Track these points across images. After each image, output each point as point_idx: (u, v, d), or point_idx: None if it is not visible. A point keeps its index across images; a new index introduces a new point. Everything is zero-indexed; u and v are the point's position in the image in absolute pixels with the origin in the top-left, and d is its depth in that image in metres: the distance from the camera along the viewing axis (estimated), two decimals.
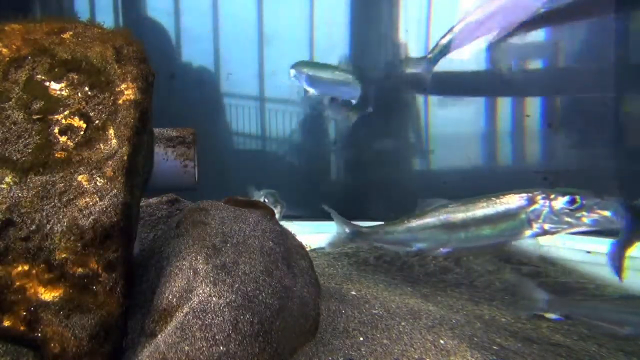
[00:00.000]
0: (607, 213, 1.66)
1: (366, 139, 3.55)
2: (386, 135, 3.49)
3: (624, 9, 2.71)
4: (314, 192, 3.58)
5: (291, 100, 3.75)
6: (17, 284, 1.07)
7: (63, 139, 1.16)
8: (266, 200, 2.74)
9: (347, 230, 2.09)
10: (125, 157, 1.16)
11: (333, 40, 3.53)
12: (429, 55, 2.99)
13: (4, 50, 1.23)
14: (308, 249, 2.52)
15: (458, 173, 3.32)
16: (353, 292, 1.71)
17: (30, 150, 1.14)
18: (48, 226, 1.08)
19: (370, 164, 3.51)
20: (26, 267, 1.07)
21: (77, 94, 1.21)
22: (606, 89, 2.88)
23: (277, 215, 2.65)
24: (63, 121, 1.18)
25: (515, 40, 3.06)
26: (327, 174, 3.68)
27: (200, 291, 1.17)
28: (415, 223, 1.96)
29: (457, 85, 3.29)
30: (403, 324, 1.47)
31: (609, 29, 2.80)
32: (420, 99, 3.39)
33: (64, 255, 1.08)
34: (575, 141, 2.97)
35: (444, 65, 3.18)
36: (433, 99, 3.36)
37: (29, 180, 1.11)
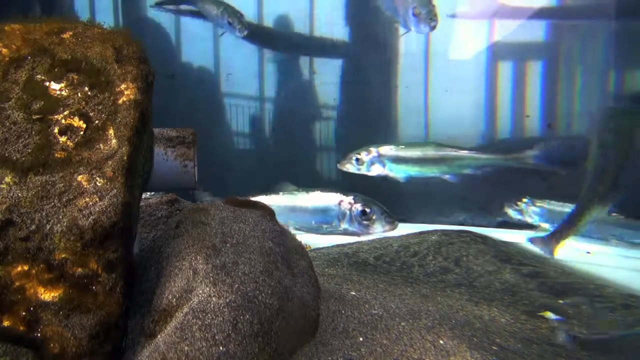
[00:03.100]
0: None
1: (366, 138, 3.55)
2: (389, 136, 3.50)
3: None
4: None
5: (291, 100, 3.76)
6: (17, 284, 1.07)
7: (63, 139, 1.16)
8: (374, 215, 2.14)
9: None
10: (125, 157, 1.16)
11: (333, 40, 3.53)
12: None
13: (4, 50, 1.23)
14: (308, 249, 2.52)
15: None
16: (353, 293, 1.71)
17: (30, 150, 1.14)
18: (48, 226, 1.08)
19: None
20: (26, 267, 1.07)
21: (77, 94, 1.21)
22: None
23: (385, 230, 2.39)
24: (63, 121, 1.18)
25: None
26: (327, 173, 3.68)
27: (200, 291, 1.17)
28: None
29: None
30: (403, 324, 1.47)
31: None
32: (420, 99, 3.39)
33: (63, 256, 1.08)
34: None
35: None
36: (433, 98, 3.36)
37: (28, 180, 1.11)
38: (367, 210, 2.16)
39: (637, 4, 2.81)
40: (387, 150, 2.74)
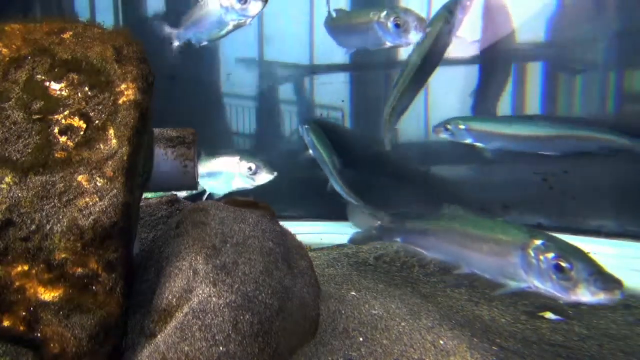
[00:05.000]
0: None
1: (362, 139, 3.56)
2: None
3: None
4: (315, 192, 3.57)
5: (291, 100, 3.76)
6: (17, 284, 1.07)
7: (63, 139, 1.16)
8: (576, 273, 1.42)
9: None
10: (125, 157, 1.16)
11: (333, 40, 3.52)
12: None
13: (4, 50, 1.23)
14: (308, 249, 2.52)
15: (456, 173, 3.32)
16: (353, 293, 1.71)
17: (30, 150, 1.14)
18: (48, 226, 1.08)
19: (369, 164, 3.51)
20: (26, 267, 1.07)
21: (77, 94, 1.21)
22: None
23: None
24: (63, 121, 1.18)
25: None
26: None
27: (200, 291, 1.17)
28: None
29: None
30: (403, 324, 1.47)
31: None
32: (420, 99, 3.39)
33: (63, 256, 1.08)
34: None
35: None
36: (434, 98, 3.36)
37: (28, 180, 1.11)
38: (564, 264, 1.37)
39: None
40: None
